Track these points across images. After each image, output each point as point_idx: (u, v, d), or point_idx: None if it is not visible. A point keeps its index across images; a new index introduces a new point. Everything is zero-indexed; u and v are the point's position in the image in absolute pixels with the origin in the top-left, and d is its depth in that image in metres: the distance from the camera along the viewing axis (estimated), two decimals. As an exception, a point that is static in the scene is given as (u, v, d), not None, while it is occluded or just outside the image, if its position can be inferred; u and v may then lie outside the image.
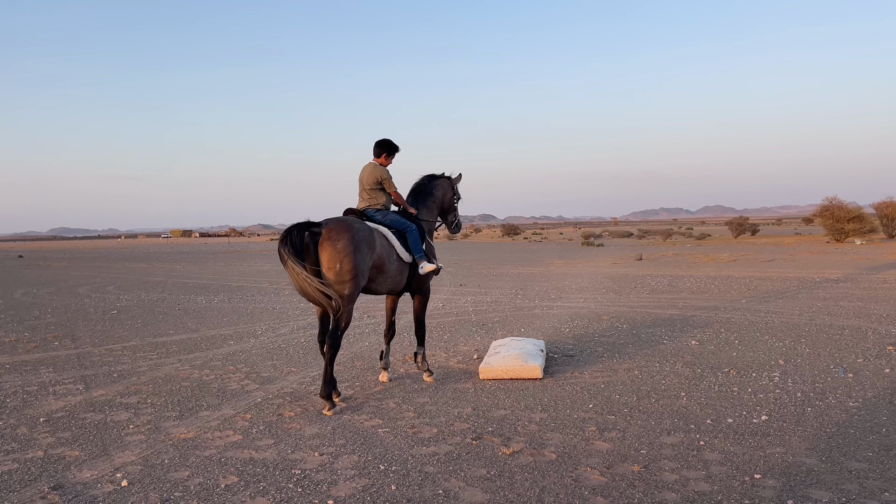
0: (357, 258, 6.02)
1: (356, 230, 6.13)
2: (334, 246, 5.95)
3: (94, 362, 8.37)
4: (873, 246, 31.68)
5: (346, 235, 6.01)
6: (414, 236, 6.80)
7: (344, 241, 5.97)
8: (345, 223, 6.15)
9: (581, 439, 5.09)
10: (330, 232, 6.01)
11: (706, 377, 6.93)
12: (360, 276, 6.11)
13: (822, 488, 4.08)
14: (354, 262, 6.00)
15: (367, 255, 6.18)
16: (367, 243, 6.19)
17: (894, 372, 6.94)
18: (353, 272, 6.00)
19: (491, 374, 7.02)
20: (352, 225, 6.16)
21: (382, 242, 6.48)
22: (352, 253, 5.98)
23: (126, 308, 14.21)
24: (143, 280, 22.51)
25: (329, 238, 5.98)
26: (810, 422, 5.38)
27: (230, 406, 6.23)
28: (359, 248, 6.06)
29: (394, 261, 6.61)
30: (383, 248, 6.46)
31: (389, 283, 6.68)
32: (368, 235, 6.25)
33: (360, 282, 6.13)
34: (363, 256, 6.11)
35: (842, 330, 9.47)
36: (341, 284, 5.99)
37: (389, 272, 6.57)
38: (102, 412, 6.09)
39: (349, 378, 7.24)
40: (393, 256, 6.60)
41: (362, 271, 6.12)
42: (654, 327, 10.08)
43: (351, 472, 4.53)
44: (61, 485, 4.40)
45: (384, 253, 6.45)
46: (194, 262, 35.01)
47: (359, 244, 6.07)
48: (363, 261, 6.11)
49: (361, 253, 6.08)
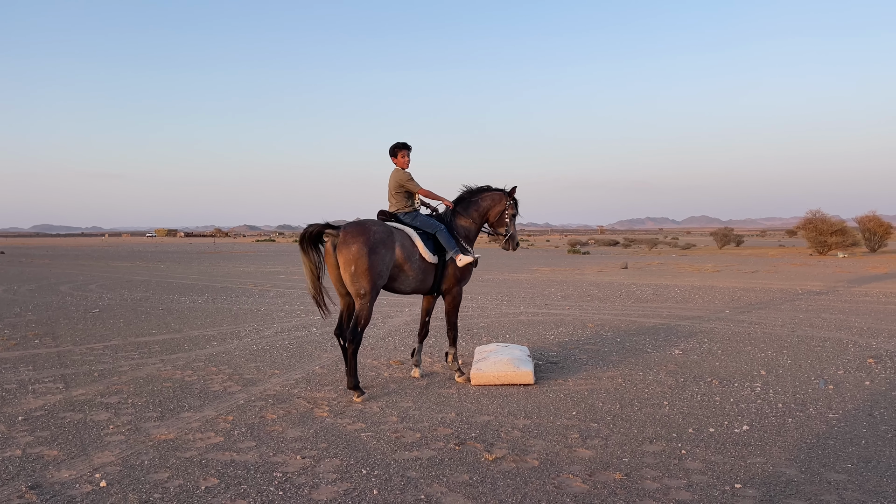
0: (372, 259, 6.36)
1: (372, 232, 6.45)
2: (349, 248, 6.33)
3: (75, 361, 8.28)
4: (855, 259, 32.05)
5: (361, 238, 6.36)
6: (445, 235, 7.04)
7: (358, 243, 6.33)
8: (361, 227, 6.49)
9: (564, 446, 5.10)
10: (346, 235, 6.39)
11: (689, 386, 6.97)
12: (377, 277, 6.43)
13: (801, 499, 4.11)
14: (370, 263, 6.34)
15: (385, 255, 6.49)
16: (384, 244, 6.50)
17: (874, 384, 7.02)
18: (368, 273, 6.34)
19: (483, 379, 7.01)
20: (368, 228, 6.49)
21: (404, 243, 6.75)
22: (367, 255, 6.32)
23: (108, 307, 14.08)
24: (127, 279, 22.32)
25: (345, 241, 6.37)
26: (791, 432, 5.42)
27: (212, 407, 6.18)
28: (374, 250, 6.39)
29: (416, 261, 6.81)
30: (404, 248, 6.72)
31: (412, 283, 6.91)
32: (386, 237, 6.54)
33: (376, 282, 6.45)
34: (379, 257, 6.42)
35: (823, 342, 9.56)
36: (358, 284, 6.36)
37: (411, 272, 6.80)
38: (82, 412, 6.03)
39: (333, 381, 7.21)
40: (415, 257, 6.81)
41: (379, 272, 6.44)
42: (638, 336, 10.13)
43: (333, 475, 4.51)
44: (39, 484, 4.34)
45: (405, 253, 6.71)
46: (179, 262, 34.77)
47: (374, 246, 6.39)
48: (380, 261, 6.43)
49: (378, 254, 6.41)
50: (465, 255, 7.05)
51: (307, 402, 6.39)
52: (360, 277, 6.34)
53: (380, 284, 6.53)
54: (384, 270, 6.50)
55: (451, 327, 7.43)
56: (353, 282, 6.38)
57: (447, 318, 7.43)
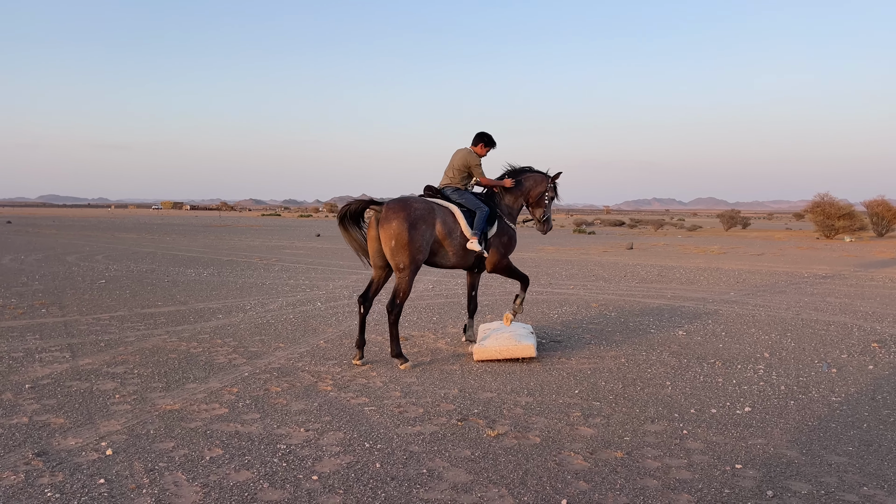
0: (412, 234, 6.63)
1: (413, 209, 6.72)
2: (390, 224, 6.62)
3: (81, 331, 8.34)
4: (862, 244, 31.90)
5: (402, 214, 6.64)
6: (481, 216, 7.13)
7: (399, 219, 6.61)
8: (402, 203, 6.76)
9: (566, 424, 5.12)
10: (388, 211, 6.69)
11: (692, 367, 6.98)
12: (416, 251, 6.69)
13: (801, 480, 4.13)
14: (409, 238, 6.61)
15: (425, 231, 6.75)
16: (425, 220, 6.76)
17: (878, 368, 7.02)
18: (408, 247, 6.62)
19: (485, 354, 7.05)
20: (409, 204, 6.76)
21: (445, 220, 6.96)
22: (407, 230, 6.60)
23: (114, 278, 14.14)
24: (133, 250, 22.40)
25: (386, 217, 6.66)
26: (793, 415, 5.44)
27: (217, 379, 6.23)
28: (414, 226, 6.65)
29: (456, 237, 7.01)
30: (445, 224, 6.94)
31: (453, 259, 7.11)
32: (426, 213, 6.80)
33: (416, 256, 6.71)
34: (419, 233, 6.69)
35: (827, 325, 9.55)
36: (398, 258, 6.65)
37: (452, 247, 7.01)
38: (88, 381, 6.08)
39: (337, 356, 7.25)
40: (456, 233, 7.00)
41: (419, 247, 6.70)
42: (642, 316, 10.14)
43: (336, 448, 4.55)
44: (45, 451, 4.39)
45: (446, 230, 6.93)
46: (184, 235, 34.85)
47: (415, 222, 6.67)
48: (420, 237, 6.69)
49: (417, 230, 6.67)
50: (476, 244, 7.06)
51: (311, 375, 6.43)
52: (400, 252, 6.62)
53: (420, 259, 6.77)
54: (424, 246, 6.75)
55: (517, 277, 7.56)
56: (393, 255, 6.67)
57: (510, 276, 7.53)
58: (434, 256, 7.02)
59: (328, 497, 3.82)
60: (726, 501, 3.84)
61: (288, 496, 3.82)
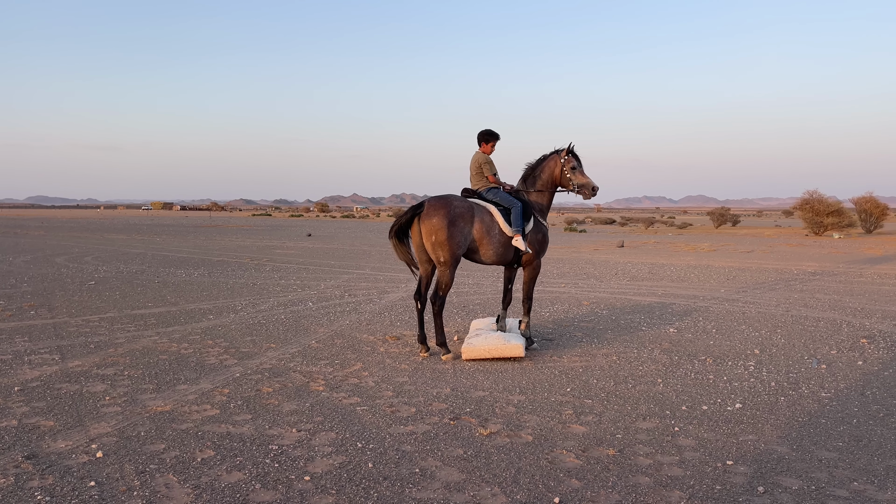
0: (451, 231, 6.95)
1: (453, 207, 7.05)
2: (431, 220, 6.98)
3: (71, 333, 8.29)
4: (851, 240, 32.13)
5: (442, 211, 6.98)
6: (517, 212, 7.35)
7: (439, 216, 6.96)
8: (443, 201, 7.11)
9: (558, 422, 5.13)
10: (429, 208, 7.06)
11: (683, 364, 7.01)
12: (456, 247, 7.01)
13: (792, 476, 4.15)
14: (449, 234, 6.94)
15: (464, 228, 7.05)
16: (463, 218, 7.06)
17: (867, 364, 7.07)
18: (447, 242, 6.94)
19: (473, 353, 7.05)
20: (449, 202, 7.09)
21: (483, 218, 7.24)
22: (446, 226, 6.93)
23: (104, 279, 14.06)
24: (122, 251, 22.27)
25: (427, 214, 7.04)
26: (783, 411, 5.47)
27: (208, 380, 6.20)
28: (454, 223, 6.98)
29: (495, 234, 7.27)
30: (483, 222, 7.22)
31: (493, 255, 7.33)
32: (465, 211, 7.11)
33: (455, 251, 7.02)
34: (458, 229, 7.00)
35: (817, 322, 9.61)
36: (438, 252, 7.00)
37: (491, 244, 7.25)
38: (78, 383, 6.04)
39: (329, 356, 7.23)
40: (495, 230, 7.27)
41: (458, 242, 7.02)
42: (633, 314, 10.17)
43: (328, 448, 4.54)
44: (35, 454, 4.36)
45: (484, 227, 7.21)
46: (175, 235, 34.68)
47: (454, 219, 6.98)
48: (458, 233, 7.01)
49: (456, 226, 6.99)
50: (521, 240, 7.26)
51: (303, 375, 6.41)
52: (440, 247, 6.96)
53: (459, 254, 7.07)
54: (462, 241, 7.05)
55: (527, 298, 7.72)
56: (433, 250, 7.03)
57: (525, 289, 7.72)
58: (474, 254, 7.30)
59: (320, 497, 3.82)
60: (718, 498, 3.86)
61: (280, 497, 3.81)
